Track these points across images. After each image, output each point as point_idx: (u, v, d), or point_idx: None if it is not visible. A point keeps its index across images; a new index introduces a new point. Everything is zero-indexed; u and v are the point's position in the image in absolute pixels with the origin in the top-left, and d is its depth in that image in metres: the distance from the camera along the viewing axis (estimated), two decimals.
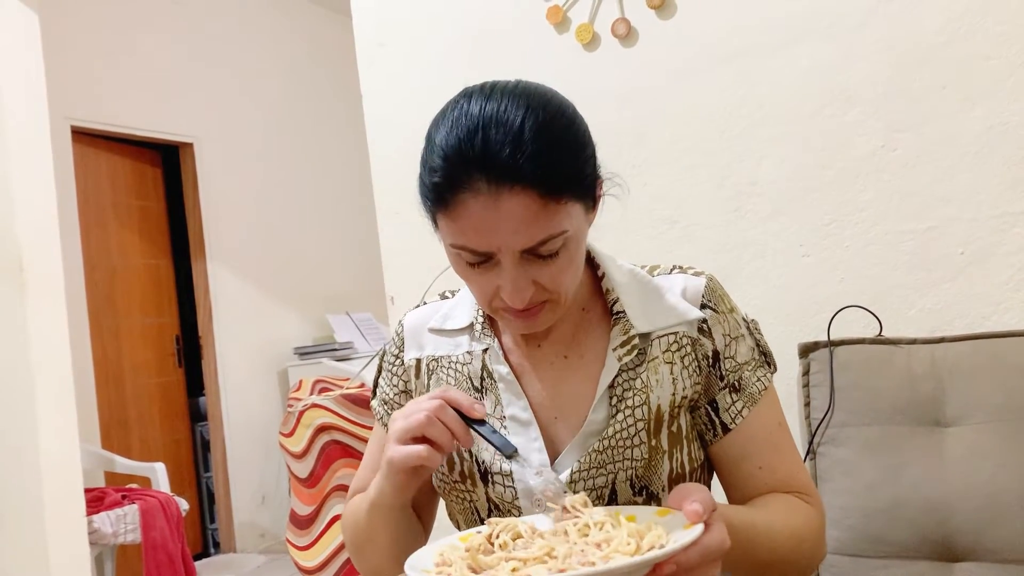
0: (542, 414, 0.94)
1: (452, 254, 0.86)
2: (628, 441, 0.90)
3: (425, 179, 0.85)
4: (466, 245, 0.82)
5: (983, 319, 1.56)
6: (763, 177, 1.76)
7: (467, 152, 0.79)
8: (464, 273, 0.88)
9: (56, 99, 3.20)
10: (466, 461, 0.94)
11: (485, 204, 0.78)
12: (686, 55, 1.84)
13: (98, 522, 3.13)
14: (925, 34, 1.61)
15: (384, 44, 2.25)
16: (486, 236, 0.80)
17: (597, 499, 0.90)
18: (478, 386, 0.97)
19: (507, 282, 0.83)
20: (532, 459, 0.91)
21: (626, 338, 0.93)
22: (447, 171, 0.80)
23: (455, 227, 0.82)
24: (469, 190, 0.79)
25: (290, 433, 3.31)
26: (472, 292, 0.91)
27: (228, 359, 4.73)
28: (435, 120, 0.87)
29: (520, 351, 0.98)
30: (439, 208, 0.83)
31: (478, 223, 0.80)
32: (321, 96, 5.45)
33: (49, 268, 2.79)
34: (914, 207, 1.62)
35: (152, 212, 4.73)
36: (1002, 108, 1.55)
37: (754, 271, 1.77)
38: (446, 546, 0.77)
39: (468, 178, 0.79)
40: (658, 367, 0.93)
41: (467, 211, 0.80)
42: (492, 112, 0.80)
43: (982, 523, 1.32)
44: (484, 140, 0.78)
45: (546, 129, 0.80)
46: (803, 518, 0.93)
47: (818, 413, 1.51)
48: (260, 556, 4.62)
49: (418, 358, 1.03)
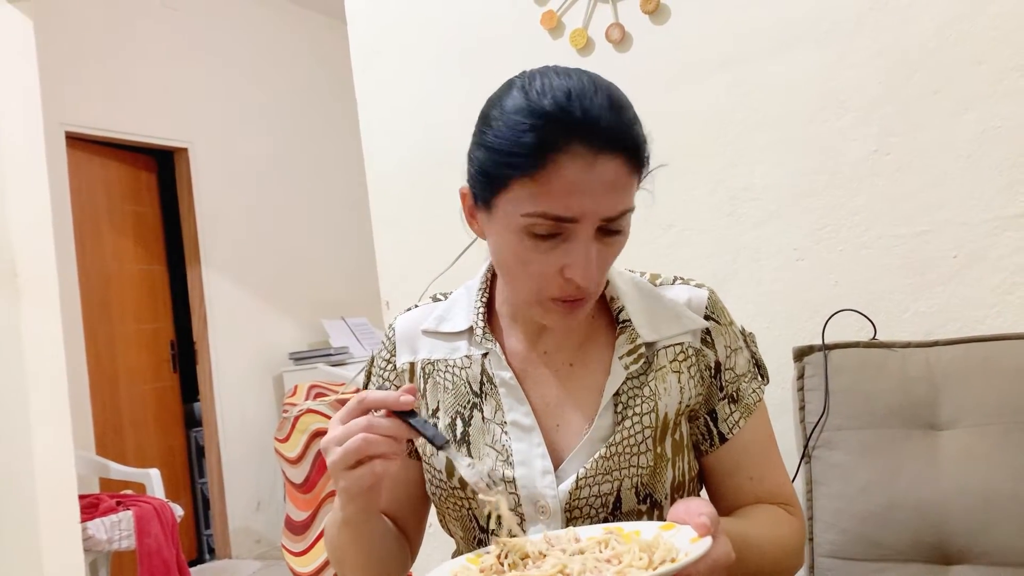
0: (544, 421, 0.93)
1: (521, 228, 0.82)
2: (635, 448, 0.90)
3: (503, 144, 0.81)
4: (549, 211, 0.79)
5: (976, 323, 1.56)
6: (757, 182, 1.77)
7: (567, 114, 0.78)
8: (524, 254, 0.83)
9: (50, 105, 3.20)
10: None
11: (582, 167, 0.78)
12: (680, 60, 1.85)
13: (92, 528, 3.11)
14: (917, 40, 1.61)
15: (379, 51, 2.26)
16: (577, 200, 0.79)
17: (602, 506, 0.89)
18: (477, 391, 0.96)
19: (581, 256, 0.81)
20: (535, 465, 0.90)
21: (632, 347, 0.93)
22: (543, 132, 0.78)
23: (543, 190, 0.79)
24: (567, 152, 0.78)
25: (285, 438, 3.31)
26: (519, 279, 0.87)
27: (223, 364, 4.72)
28: (495, 96, 0.86)
29: (525, 357, 0.97)
30: (525, 172, 0.79)
31: (573, 185, 0.78)
32: (316, 101, 5.45)
33: (43, 274, 2.78)
34: (907, 211, 1.62)
35: (146, 217, 4.72)
36: (994, 112, 1.55)
37: (748, 275, 1.77)
38: (459, 567, 0.77)
39: (567, 140, 0.78)
40: (666, 376, 0.93)
41: (561, 173, 0.78)
42: (579, 84, 0.81)
43: (976, 526, 1.32)
44: (583, 106, 0.78)
45: (625, 106, 0.83)
46: (788, 530, 0.95)
47: (813, 416, 1.52)
48: (255, 562, 4.61)
49: (412, 362, 1.02)
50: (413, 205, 2.21)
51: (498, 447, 0.92)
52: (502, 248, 0.86)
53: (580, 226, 0.81)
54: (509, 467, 0.91)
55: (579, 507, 0.89)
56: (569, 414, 0.94)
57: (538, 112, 0.79)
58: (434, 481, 0.97)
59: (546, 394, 0.95)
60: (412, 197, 2.21)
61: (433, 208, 2.15)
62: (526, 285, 0.86)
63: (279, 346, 5.04)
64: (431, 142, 2.16)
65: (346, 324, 5.20)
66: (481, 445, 0.93)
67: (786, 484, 1.00)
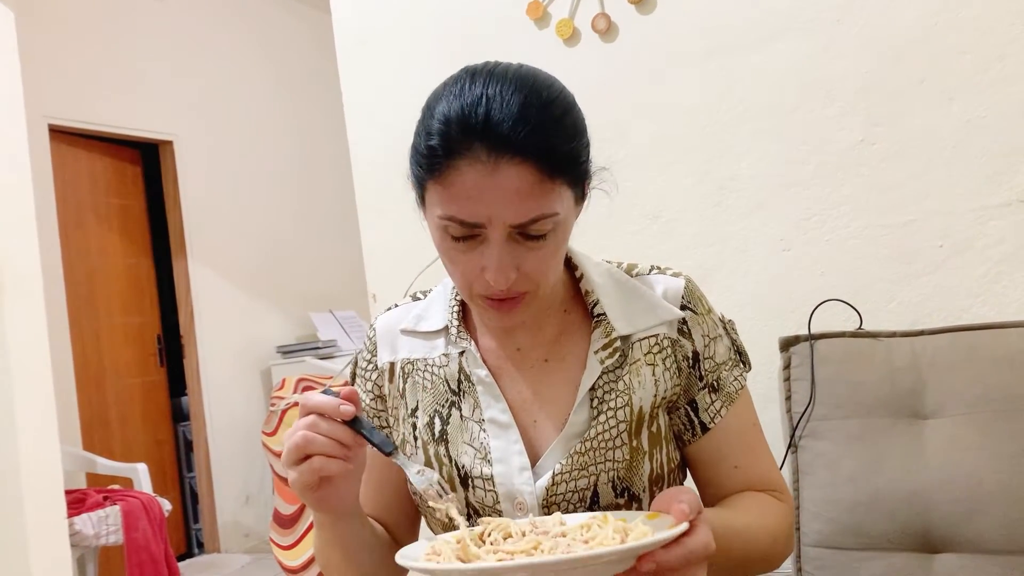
0: (522, 417, 0.93)
1: (439, 228, 0.83)
2: (610, 443, 0.90)
3: (420, 146, 0.83)
4: (456, 215, 0.80)
5: (962, 312, 1.57)
6: (743, 172, 1.77)
7: (469, 120, 0.79)
8: (448, 252, 0.85)
9: (33, 97, 3.17)
10: (445, 466, 0.93)
11: (482, 172, 0.78)
12: (666, 50, 1.84)
13: (79, 524, 3.10)
14: (902, 29, 1.62)
15: (365, 41, 2.24)
16: (479, 205, 0.79)
17: (579, 501, 0.89)
18: (455, 389, 0.95)
19: (492, 260, 0.81)
20: (512, 462, 0.90)
21: (607, 340, 0.93)
22: (446, 137, 0.79)
23: (447, 194, 0.80)
24: (467, 157, 0.78)
25: (273, 432, 3.30)
26: (452, 276, 0.88)
27: (210, 358, 4.70)
28: (435, 93, 0.86)
29: (499, 354, 0.97)
30: (433, 175, 0.81)
31: (472, 191, 0.79)
32: (302, 93, 5.42)
33: (27, 268, 2.76)
34: (893, 201, 1.63)
35: (132, 211, 4.69)
36: (979, 102, 1.56)
37: (735, 265, 1.77)
38: (439, 540, 0.78)
39: (468, 145, 0.78)
40: (640, 369, 0.93)
41: (462, 178, 0.79)
42: (496, 87, 0.80)
43: (961, 514, 1.33)
44: (487, 111, 0.78)
45: (548, 109, 0.81)
46: (776, 517, 0.95)
47: (799, 406, 1.52)
48: (244, 556, 4.60)
49: (392, 361, 1.01)
50: (399, 196, 2.18)
51: (476, 444, 0.92)
52: (435, 244, 0.87)
53: (489, 230, 0.81)
54: (487, 464, 0.90)
55: (556, 503, 0.89)
56: (545, 410, 0.93)
57: (446, 117, 0.80)
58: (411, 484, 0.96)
59: (522, 391, 0.95)
60: (398, 188, 2.19)
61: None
62: (458, 282, 0.88)
63: (267, 339, 5.02)
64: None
65: (334, 317, 5.19)
66: (460, 443, 0.93)
67: (773, 470, 1.00)
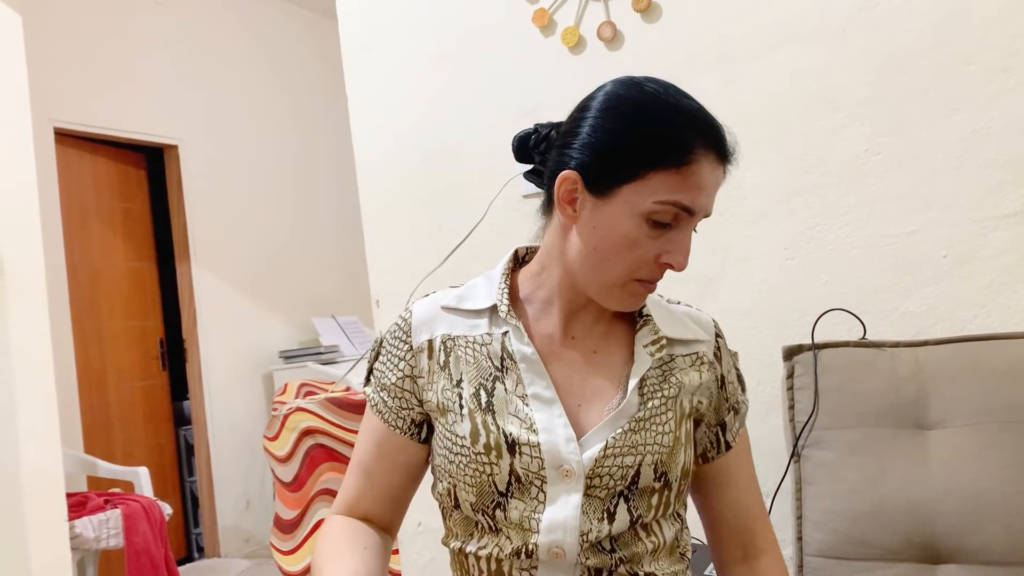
0: (566, 399, 0.98)
1: (646, 213, 0.91)
2: (659, 428, 0.96)
3: (659, 134, 0.91)
4: (681, 201, 0.91)
5: (965, 322, 1.57)
6: (747, 181, 1.77)
7: (713, 125, 0.93)
8: (637, 238, 0.93)
9: (39, 101, 3.18)
10: (493, 433, 0.95)
11: (712, 171, 0.92)
12: (671, 59, 1.85)
13: (80, 527, 3.09)
14: (907, 40, 1.62)
15: (370, 48, 2.25)
16: (704, 197, 0.92)
17: (621, 478, 0.94)
18: (499, 365, 1.00)
19: (684, 245, 0.94)
20: (558, 432, 0.95)
21: (655, 337, 1.01)
22: (699, 132, 0.91)
23: (684, 183, 0.90)
24: (710, 154, 0.91)
25: (275, 437, 3.30)
26: (617, 262, 0.95)
27: (212, 363, 4.70)
28: (624, 96, 0.98)
29: (553, 339, 1.02)
30: (669, 163, 0.90)
31: (704, 183, 0.91)
32: (306, 98, 5.43)
33: (31, 271, 2.76)
34: (897, 211, 1.63)
35: (136, 214, 4.70)
36: (983, 113, 1.56)
37: (739, 275, 1.77)
38: None
39: (711, 147, 0.91)
40: (688, 372, 1.02)
41: (701, 171, 0.91)
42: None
43: (965, 525, 1.33)
44: (716, 120, 0.94)
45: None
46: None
47: (802, 416, 1.52)
48: (244, 561, 4.59)
49: (429, 339, 1.04)
50: (403, 202, 2.20)
51: (521, 415, 0.96)
52: (611, 232, 0.93)
53: (692, 219, 0.94)
54: (533, 433, 0.95)
55: (600, 475, 0.94)
56: (591, 396, 0.99)
57: (691, 116, 0.92)
58: (454, 449, 0.98)
59: (571, 375, 1.00)
60: (402, 194, 2.20)
61: (423, 205, 2.15)
62: (620, 267, 0.95)
63: (269, 344, 5.02)
64: (422, 139, 2.15)
65: (336, 323, 5.19)
66: (505, 414, 0.97)
67: (761, 503, 1.11)
